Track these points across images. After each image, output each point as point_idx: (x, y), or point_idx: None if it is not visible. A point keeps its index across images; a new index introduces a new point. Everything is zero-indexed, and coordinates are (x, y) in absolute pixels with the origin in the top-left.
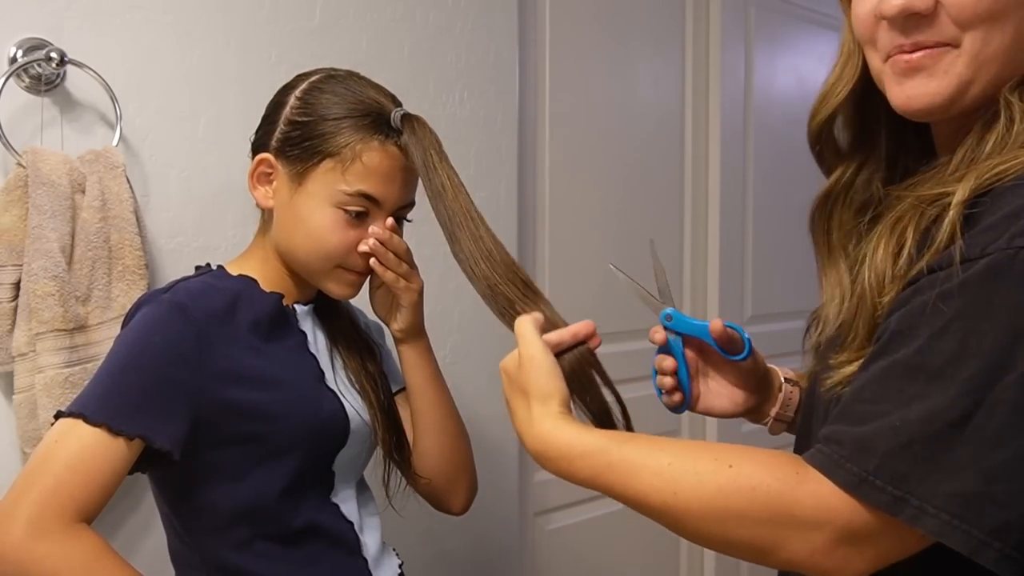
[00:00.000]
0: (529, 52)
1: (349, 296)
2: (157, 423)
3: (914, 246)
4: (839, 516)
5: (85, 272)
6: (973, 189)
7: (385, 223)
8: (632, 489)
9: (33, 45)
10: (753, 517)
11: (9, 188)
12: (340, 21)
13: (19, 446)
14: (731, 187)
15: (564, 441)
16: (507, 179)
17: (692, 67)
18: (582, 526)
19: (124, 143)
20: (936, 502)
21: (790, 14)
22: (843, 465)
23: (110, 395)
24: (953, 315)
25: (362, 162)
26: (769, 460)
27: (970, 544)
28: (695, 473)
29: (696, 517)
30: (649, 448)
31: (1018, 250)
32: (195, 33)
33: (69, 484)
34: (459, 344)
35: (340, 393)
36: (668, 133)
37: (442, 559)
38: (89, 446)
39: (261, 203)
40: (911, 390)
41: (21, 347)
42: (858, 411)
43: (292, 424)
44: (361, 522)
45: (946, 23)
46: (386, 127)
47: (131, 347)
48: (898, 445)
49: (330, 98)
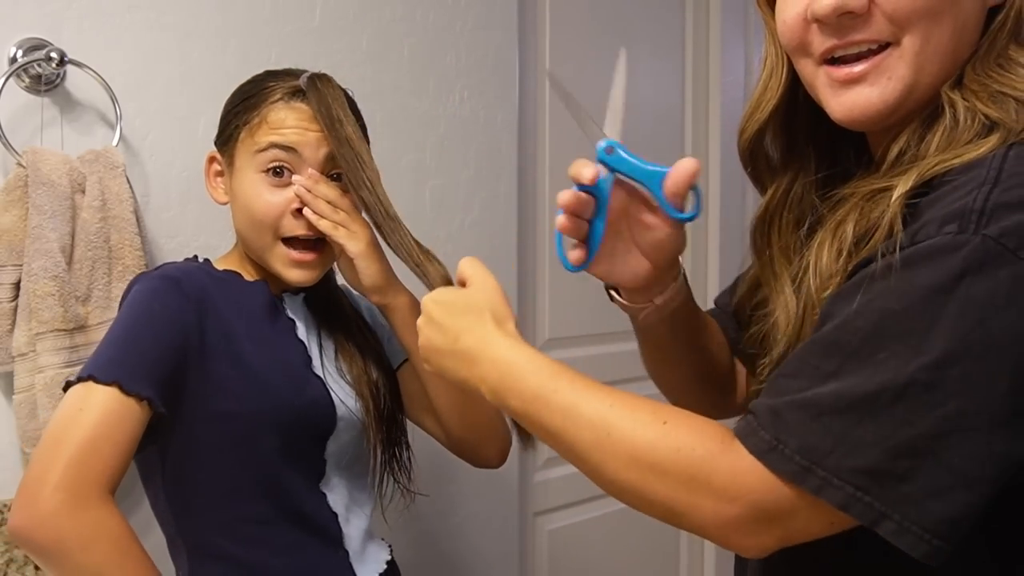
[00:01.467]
0: (529, 52)
1: (303, 280)
2: (159, 387)
3: (854, 243)
4: (752, 492)
5: (85, 272)
6: (915, 184)
7: (308, 172)
8: (571, 420)
9: (33, 45)
10: (673, 476)
11: (9, 188)
12: (340, 21)
13: (19, 446)
14: (731, 187)
15: (523, 356)
16: (507, 179)
17: (692, 67)
18: (582, 526)
19: (124, 143)
20: (841, 475)
21: None
22: (757, 432)
23: (117, 358)
24: (873, 296)
25: (268, 121)
26: (701, 426)
27: (871, 515)
28: (632, 420)
29: (621, 463)
30: (596, 387)
31: (945, 235)
32: (195, 33)
33: (98, 449)
34: None
35: (327, 382)
36: (668, 133)
37: (442, 559)
38: (108, 407)
39: (217, 199)
40: (827, 367)
41: (21, 347)
42: (778, 385)
43: (275, 405)
44: (348, 513)
45: (881, 22)
46: (294, 90)
47: (132, 316)
48: (808, 418)
49: (248, 86)
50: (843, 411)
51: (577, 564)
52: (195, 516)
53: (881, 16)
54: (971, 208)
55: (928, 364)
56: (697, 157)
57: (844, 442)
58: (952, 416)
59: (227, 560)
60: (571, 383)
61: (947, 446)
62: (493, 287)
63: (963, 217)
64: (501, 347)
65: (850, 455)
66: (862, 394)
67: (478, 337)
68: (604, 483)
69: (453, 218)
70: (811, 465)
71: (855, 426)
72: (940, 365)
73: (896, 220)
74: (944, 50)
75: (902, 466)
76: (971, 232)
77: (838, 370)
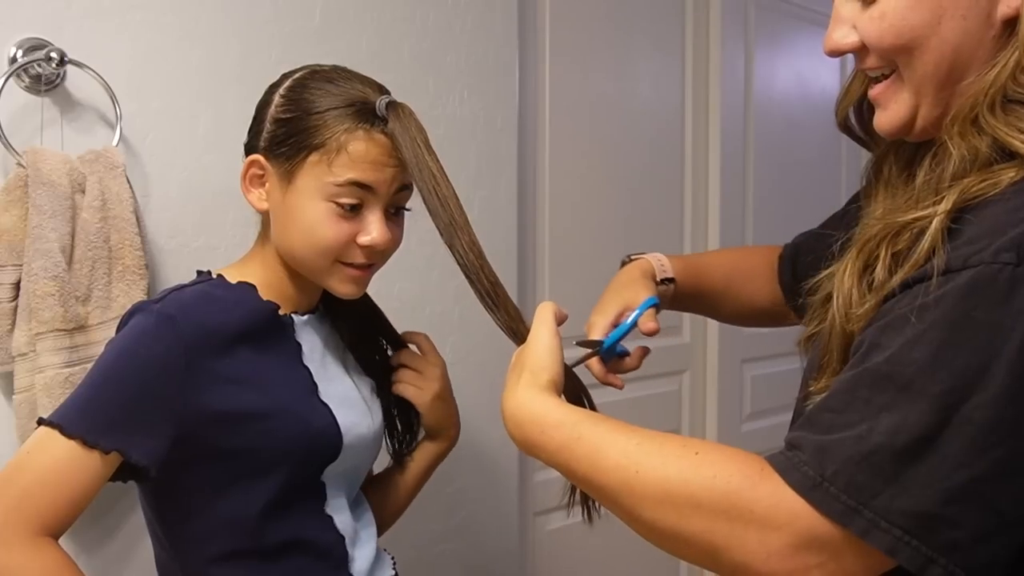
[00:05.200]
0: (529, 52)
1: (354, 294)
2: (135, 438)
3: (885, 266)
4: (799, 519)
5: (85, 272)
6: (956, 202)
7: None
8: (597, 465)
9: (33, 45)
10: (710, 507)
11: (9, 188)
12: (340, 21)
13: (19, 446)
14: (731, 187)
15: (542, 409)
16: (507, 179)
17: (692, 67)
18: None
19: (124, 143)
20: (890, 517)
21: (790, 14)
22: (800, 468)
23: (89, 407)
24: (928, 326)
25: (348, 152)
26: (735, 455)
27: (918, 561)
28: (661, 455)
29: (654, 500)
30: (621, 428)
31: (1004, 265)
32: (195, 33)
33: (36, 497)
34: (459, 344)
35: (333, 408)
36: (668, 133)
37: (442, 559)
38: (63, 459)
39: (256, 206)
40: (879, 400)
41: (21, 347)
42: (824, 420)
43: (280, 439)
44: (355, 535)
45: (874, 55)
46: (371, 116)
47: (116, 359)
48: (858, 454)
49: (314, 92)
50: (896, 451)
51: (577, 564)
52: (194, 547)
53: (871, 50)
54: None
55: (986, 403)
56: (697, 157)
57: (894, 483)
58: (1005, 459)
59: None
60: (593, 428)
61: (997, 489)
62: (539, 339)
63: (1021, 247)
64: (522, 400)
65: (900, 496)
66: (918, 434)
67: (507, 396)
68: (639, 526)
69: None
70: (858, 506)
71: (908, 466)
72: (997, 404)
73: (939, 239)
74: (934, 76)
75: (953, 510)
76: None
77: (891, 404)
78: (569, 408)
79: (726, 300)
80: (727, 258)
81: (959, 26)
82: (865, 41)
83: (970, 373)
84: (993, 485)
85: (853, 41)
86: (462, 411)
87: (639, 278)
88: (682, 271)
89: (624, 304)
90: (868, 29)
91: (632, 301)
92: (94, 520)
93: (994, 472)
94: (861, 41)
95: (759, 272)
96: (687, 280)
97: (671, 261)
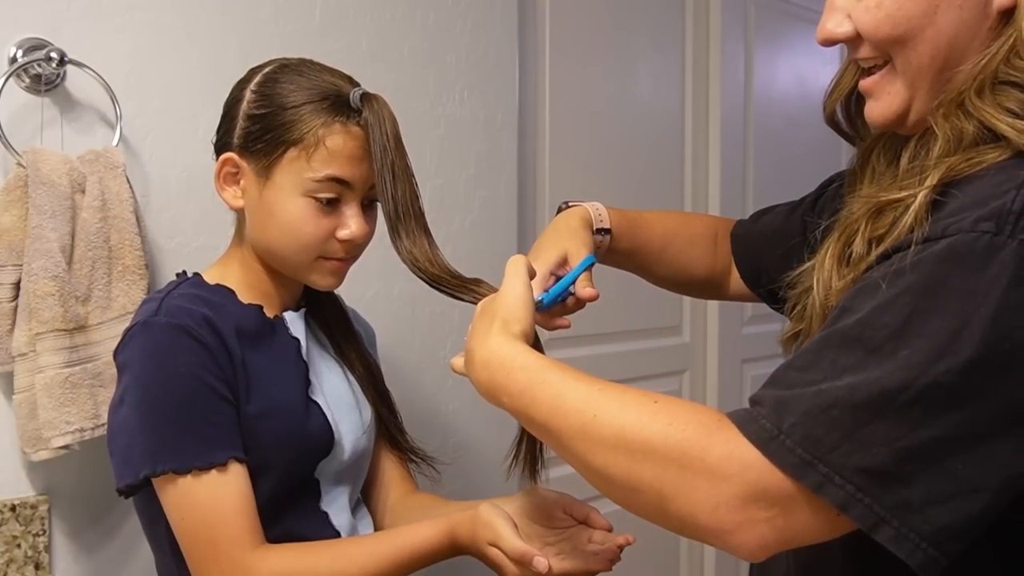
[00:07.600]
0: (529, 52)
1: (334, 286)
2: (229, 438)
3: (864, 241)
4: (750, 470)
5: (85, 272)
6: (941, 178)
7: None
8: (557, 409)
9: (33, 45)
10: (663, 454)
11: (9, 188)
12: (340, 21)
13: (19, 446)
14: (731, 187)
15: (510, 353)
16: (507, 179)
17: (692, 67)
18: None
19: (124, 143)
20: (845, 473)
21: (790, 14)
22: (758, 421)
23: (176, 443)
24: (902, 290)
25: (326, 146)
26: (694, 407)
27: (870, 520)
28: (620, 402)
29: (608, 445)
30: (585, 377)
31: (982, 234)
32: (195, 33)
33: (224, 527)
34: (459, 344)
35: (324, 406)
36: (668, 132)
37: None
38: (200, 491)
39: (231, 204)
40: (845, 361)
41: (21, 347)
42: (788, 377)
43: (276, 438)
44: (353, 532)
45: (868, 45)
46: (346, 108)
47: (165, 388)
48: (817, 407)
49: (286, 87)
50: (856, 405)
51: None
52: None
53: (866, 40)
54: (1009, 209)
55: (954, 368)
56: (697, 156)
57: (852, 438)
58: (965, 422)
59: None
60: (559, 374)
61: (954, 452)
62: (512, 290)
63: (1000, 217)
64: (492, 346)
65: (856, 453)
66: (879, 390)
67: (478, 342)
68: (591, 473)
69: (453, 218)
70: (813, 459)
71: (866, 423)
72: (965, 370)
73: (923, 212)
74: (929, 68)
75: (907, 469)
76: (1007, 234)
77: (857, 364)
78: (537, 355)
79: (661, 262)
80: (668, 220)
81: (955, 16)
82: (860, 30)
83: (941, 338)
84: (950, 446)
85: (847, 30)
86: (461, 412)
87: (579, 228)
88: (619, 224)
89: (562, 253)
90: (863, 18)
91: (570, 253)
92: (94, 521)
93: (954, 435)
94: (855, 30)
95: (700, 241)
96: (624, 233)
97: (609, 212)
